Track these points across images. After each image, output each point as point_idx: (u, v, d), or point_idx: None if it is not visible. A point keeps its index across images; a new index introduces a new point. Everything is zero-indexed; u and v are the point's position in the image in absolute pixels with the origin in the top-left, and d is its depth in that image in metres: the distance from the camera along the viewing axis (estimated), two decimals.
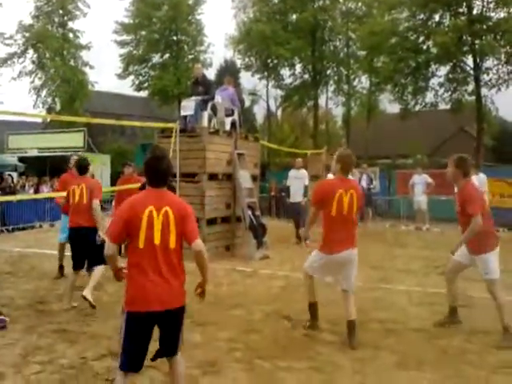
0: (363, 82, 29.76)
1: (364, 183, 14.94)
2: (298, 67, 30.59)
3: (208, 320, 5.71)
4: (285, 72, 31.10)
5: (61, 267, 8.14)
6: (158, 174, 3.32)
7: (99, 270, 6.17)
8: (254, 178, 11.24)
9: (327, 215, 5.00)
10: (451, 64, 22.68)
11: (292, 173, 12.54)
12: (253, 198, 10.69)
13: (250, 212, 10.20)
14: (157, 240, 3.19)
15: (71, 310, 6.13)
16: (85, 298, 5.90)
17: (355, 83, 30.15)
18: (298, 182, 12.21)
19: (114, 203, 12.26)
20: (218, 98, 10.99)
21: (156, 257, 3.19)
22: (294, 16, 29.89)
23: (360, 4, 29.20)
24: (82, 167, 6.55)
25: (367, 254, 8.84)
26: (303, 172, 12.40)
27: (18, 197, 14.62)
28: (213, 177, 10.06)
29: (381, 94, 27.79)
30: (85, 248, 6.17)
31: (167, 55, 32.42)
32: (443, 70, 23.17)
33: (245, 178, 10.58)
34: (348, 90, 29.85)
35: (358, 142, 26.30)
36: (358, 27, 27.30)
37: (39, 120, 32.88)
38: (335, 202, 4.91)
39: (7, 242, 12.28)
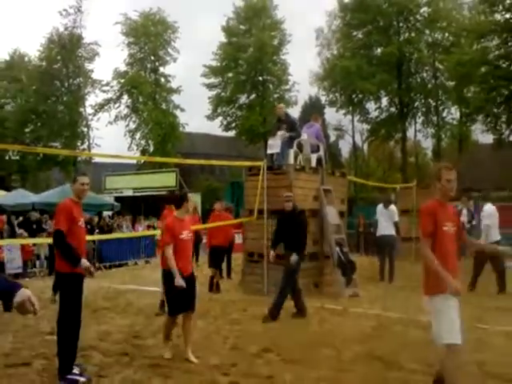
0: (453, 112, 28.96)
1: (464, 218, 12.74)
2: (384, 100, 30.39)
3: (297, 358, 5.64)
4: (370, 106, 31.03)
5: (162, 303, 8.39)
6: None
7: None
8: (341, 214, 11.12)
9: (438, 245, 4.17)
10: None
11: (380, 207, 12.24)
12: (340, 234, 10.55)
13: (338, 248, 10.07)
14: None
15: (166, 346, 6.29)
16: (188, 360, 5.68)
17: (444, 114, 29.40)
18: (387, 216, 11.88)
19: (206, 238, 12.67)
20: (303, 135, 11.09)
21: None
22: (379, 50, 29.85)
23: (447, 34, 28.64)
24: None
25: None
26: (392, 208, 12.06)
27: (115, 235, 15.40)
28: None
29: (472, 124, 26.78)
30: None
31: (253, 95, 33.38)
32: None
33: (332, 214, 10.49)
34: (437, 122, 29.13)
35: None
36: (445, 58, 26.76)
37: (134, 161, 34.73)
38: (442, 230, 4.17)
39: (105, 279, 12.90)
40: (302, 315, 7.89)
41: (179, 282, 5.47)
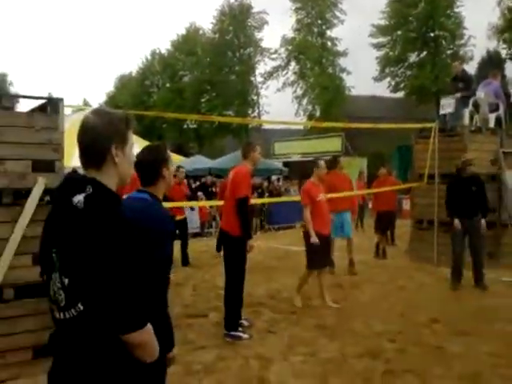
0: None
1: None
2: None
3: (467, 330, 5.39)
4: None
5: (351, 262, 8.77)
6: None
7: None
8: None
9: None
10: None
11: None
12: None
13: None
14: None
15: (333, 307, 6.45)
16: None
17: None
18: None
19: (372, 203, 12.57)
20: (480, 94, 10.26)
21: None
22: None
23: None
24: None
25: None
26: None
27: (283, 198, 15.93)
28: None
29: None
30: None
31: (424, 53, 31.57)
32: None
33: None
34: None
35: None
36: None
37: (301, 127, 35.32)
38: None
39: (274, 239, 13.50)
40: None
41: (314, 240, 6.17)
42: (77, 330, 1.61)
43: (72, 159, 6.41)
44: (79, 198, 1.61)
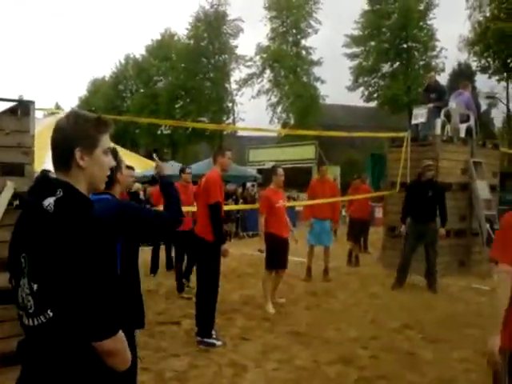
0: None
1: None
2: None
3: (439, 337, 5.45)
4: None
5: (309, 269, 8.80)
6: None
7: None
8: (492, 189, 10.34)
9: None
10: None
11: None
12: (491, 210, 9.82)
13: (488, 226, 9.41)
14: None
15: (307, 314, 6.46)
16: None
17: None
18: None
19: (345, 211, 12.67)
20: (452, 104, 10.46)
21: None
22: None
23: None
24: None
25: None
26: None
27: (258, 205, 15.89)
28: (446, 187, 9.56)
29: None
30: None
31: (397, 64, 32.09)
32: None
33: (482, 189, 9.80)
34: None
35: None
36: None
37: (275, 134, 35.43)
38: None
39: (248, 246, 13.45)
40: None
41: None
42: (46, 337, 1.56)
43: (44, 163, 6.30)
44: (50, 202, 1.56)
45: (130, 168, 3.95)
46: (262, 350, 5.07)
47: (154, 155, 3.44)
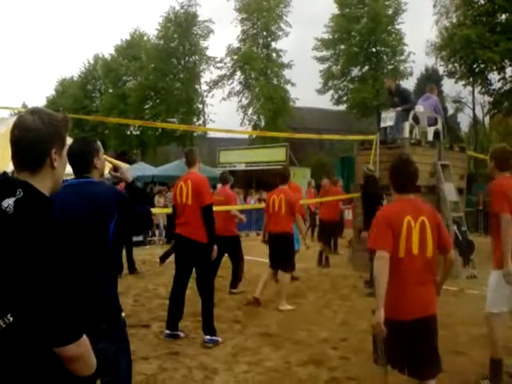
0: None
1: None
2: (509, 70, 28.00)
3: None
4: (493, 76, 28.75)
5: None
6: (407, 178, 3.32)
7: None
8: (459, 191, 10.54)
9: None
10: None
11: None
12: (458, 212, 10.02)
13: (455, 227, 9.58)
14: (415, 250, 3.19)
15: (278, 315, 6.44)
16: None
17: None
18: None
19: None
20: (419, 107, 10.61)
21: (415, 266, 3.20)
22: (503, 16, 27.47)
23: None
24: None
25: None
26: None
27: (228, 207, 15.84)
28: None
29: None
30: None
31: (366, 68, 32.43)
32: None
33: (449, 191, 9.97)
34: None
35: None
36: None
37: (246, 136, 35.38)
38: None
39: None
40: None
41: None
42: (6, 342, 1.49)
43: (8, 163, 6.11)
44: (9, 202, 1.51)
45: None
46: (232, 352, 5.03)
47: (109, 158, 3.41)
